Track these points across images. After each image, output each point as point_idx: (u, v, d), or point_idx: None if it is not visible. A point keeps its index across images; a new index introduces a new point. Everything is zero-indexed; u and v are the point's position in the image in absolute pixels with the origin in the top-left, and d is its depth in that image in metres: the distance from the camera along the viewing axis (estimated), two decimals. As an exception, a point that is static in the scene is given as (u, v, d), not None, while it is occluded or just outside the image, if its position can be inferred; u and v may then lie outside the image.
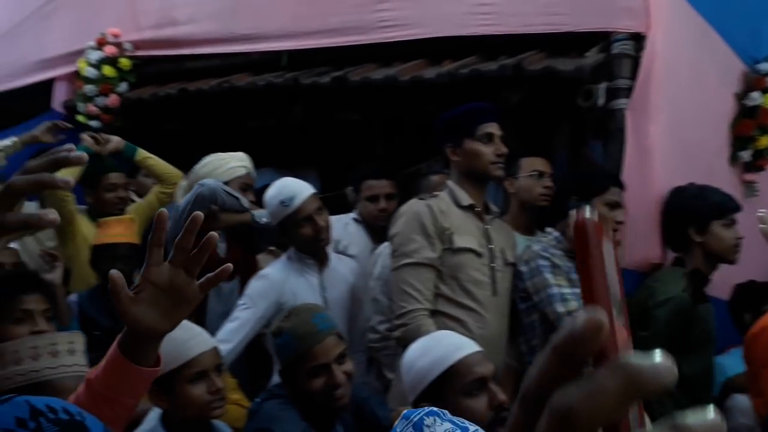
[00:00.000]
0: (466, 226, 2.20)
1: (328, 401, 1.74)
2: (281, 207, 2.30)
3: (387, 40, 3.01)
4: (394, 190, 2.78)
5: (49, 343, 1.44)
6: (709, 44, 2.97)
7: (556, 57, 2.61)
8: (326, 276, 2.39)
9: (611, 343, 0.33)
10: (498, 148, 2.21)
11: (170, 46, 3.80)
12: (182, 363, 1.67)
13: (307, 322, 1.78)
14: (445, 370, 1.49)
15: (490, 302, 2.18)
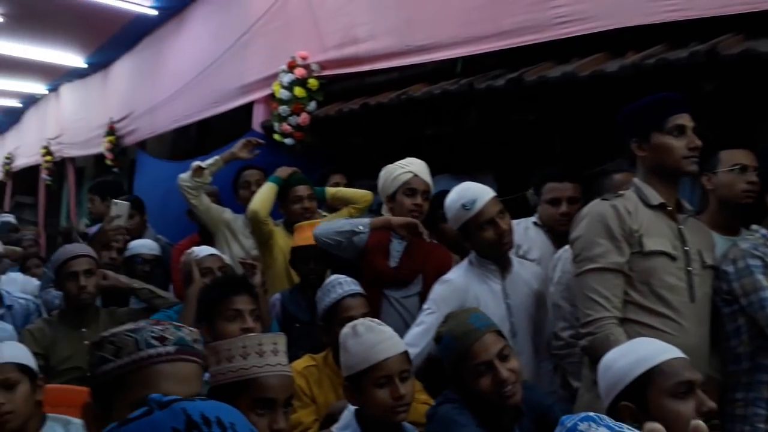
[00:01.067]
0: (657, 226, 2.04)
1: (498, 399, 1.74)
2: (463, 211, 2.32)
3: (565, 36, 2.92)
4: (577, 193, 2.68)
5: (256, 343, 1.57)
6: None
7: (756, 38, 2.36)
8: (509, 282, 2.37)
9: None
10: (691, 141, 2.03)
11: (353, 64, 4.02)
12: (369, 366, 1.77)
13: (463, 323, 1.80)
14: (649, 368, 1.45)
15: (687, 309, 2.01)
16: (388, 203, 2.85)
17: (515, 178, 3.23)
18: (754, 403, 2.06)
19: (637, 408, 1.44)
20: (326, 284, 2.40)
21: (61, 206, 10.31)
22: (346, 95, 4.07)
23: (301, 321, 2.79)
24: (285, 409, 1.55)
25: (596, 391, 1.99)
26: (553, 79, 2.85)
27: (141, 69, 7.17)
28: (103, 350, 1.18)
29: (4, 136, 13.65)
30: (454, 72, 3.45)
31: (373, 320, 1.94)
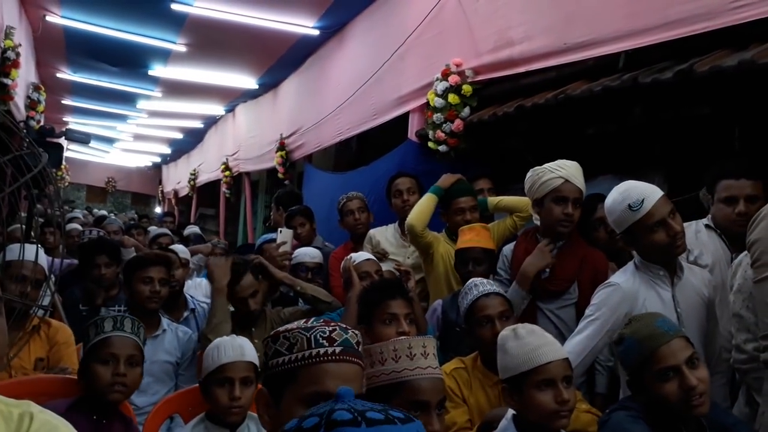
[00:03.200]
0: None
1: (684, 408, 1.63)
2: (629, 212, 2.15)
3: (741, 21, 2.66)
4: (757, 191, 2.41)
5: (406, 346, 1.61)
6: None
7: None
8: (679, 289, 2.20)
9: None
10: None
11: (507, 67, 3.96)
12: (531, 368, 1.74)
13: (649, 325, 1.72)
14: None
15: None
16: (535, 208, 2.74)
17: (689, 177, 2.99)
18: None
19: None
20: (465, 287, 2.40)
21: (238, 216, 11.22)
22: (500, 98, 4.02)
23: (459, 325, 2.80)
24: (438, 411, 1.56)
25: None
26: (728, 69, 2.60)
27: (306, 87, 7.60)
28: (278, 344, 1.28)
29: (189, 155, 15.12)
30: (616, 67, 3.28)
31: (535, 326, 1.90)
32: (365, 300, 2.33)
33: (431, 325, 2.91)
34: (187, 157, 15.24)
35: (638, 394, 1.74)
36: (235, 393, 2.08)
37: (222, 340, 2.20)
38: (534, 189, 2.69)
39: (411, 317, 2.27)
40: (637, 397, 1.74)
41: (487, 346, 2.16)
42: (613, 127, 3.31)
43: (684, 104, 2.96)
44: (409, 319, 2.25)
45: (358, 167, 5.85)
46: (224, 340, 2.20)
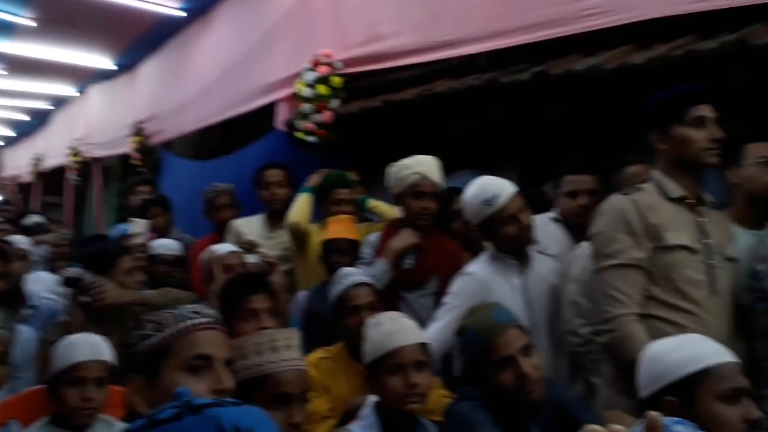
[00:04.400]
0: (677, 220, 2.01)
1: (519, 395, 1.72)
2: (484, 206, 2.29)
3: (591, 28, 2.88)
4: (596, 185, 2.64)
5: (269, 339, 1.59)
6: None
7: (789, 26, 2.31)
8: (528, 277, 2.35)
9: None
10: (712, 133, 1.99)
11: (376, 61, 4.01)
12: (385, 353, 1.79)
13: (487, 316, 1.80)
14: (704, 368, 1.44)
15: (708, 303, 1.97)
16: (396, 202, 2.83)
17: (541, 173, 3.19)
18: None
19: (682, 404, 1.42)
20: (335, 276, 2.41)
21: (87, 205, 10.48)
22: (369, 92, 4.07)
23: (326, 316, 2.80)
24: (301, 403, 1.56)
25: (616, 387, 1.98)
26: (578, 72, 2.82)
27: (167, 70, 7.25)
28: (145, 328, 1.33)
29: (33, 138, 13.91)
30: (478, 67, 3.42)
31: (399, 313, 1.95)
32: (225, 295, 2.27)
33: (295, 316, 2.89)
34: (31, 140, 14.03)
35: (477, 383, 1.81)
36: (87, 394, 1.94)
37: (75, 337, 2.03)
38: (394, 185, 2.77)
39: (273, 311, 2.24)
40: (477, 386, 1.81)
41: (353, 335, 2.18)
42: (474, 124, 3.46)
43: (540, 104, 3.15)
44: (270, 313, 2.22)
45: (222, 156, 5.68)
46: (78, 338, 2.04)
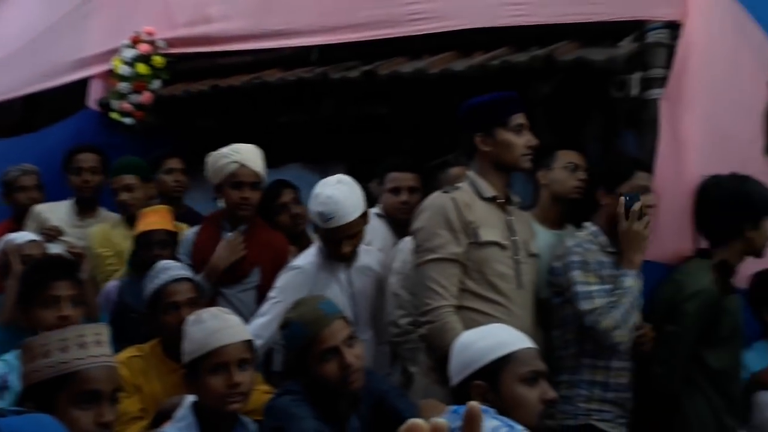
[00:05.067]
0: (490, 218, 2.17)
1: (341, 385, 1.76)
2: (320, 219, 2.27)
3: (417, 33, 3.00)
4: (417, 183, 2.76)
5: (76, 335, 1.48)
6: (746, 32, 2.90)
7: (588, 47, 2.57)
8: (353, 271, 2.40)
9: None
10: (529, 140, 2.18)
11: (203, 44, 3.84)
12: (207, 351, 1.72)
13: (313, 308, 1.81)
14: (508, 353, 1.55)
15: (515, 295, 2.15)
16: (216, 194, 2.73)
17: (367, 170, 3.26)
18: (578, 385, 2.25)
19: (489, 387, 1.53)
20: (153, 270, 2.28)
21: None
22: (194, 75, 3.89)
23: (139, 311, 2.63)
24: (111, 402, 1.47)
25: (432, 376, 2.09)
26: (405, 75, 2.92)
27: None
28: None
29: None
30: (310, 60, 3.42)
31: (222, 309, 1.88)
32: (25, 280, 2.10)
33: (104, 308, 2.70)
34: None
35: (300, 376, 1.82)
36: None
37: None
38: (213, 175, 2.66)
39: (77, 299, 2.08)
40: (299, 379, 1.82)
41: (170, 333, 2.08)
42: (304, 117, 3.45)
43: (368, 103, 3.21)
44: (73, 301, 2.06)
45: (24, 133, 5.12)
46: None
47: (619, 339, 2.15)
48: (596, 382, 2.24)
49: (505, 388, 1.52)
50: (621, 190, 2.26)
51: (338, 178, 2.33)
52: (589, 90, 2.61)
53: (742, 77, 2.88)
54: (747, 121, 2.98)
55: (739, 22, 2.84)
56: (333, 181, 2.32)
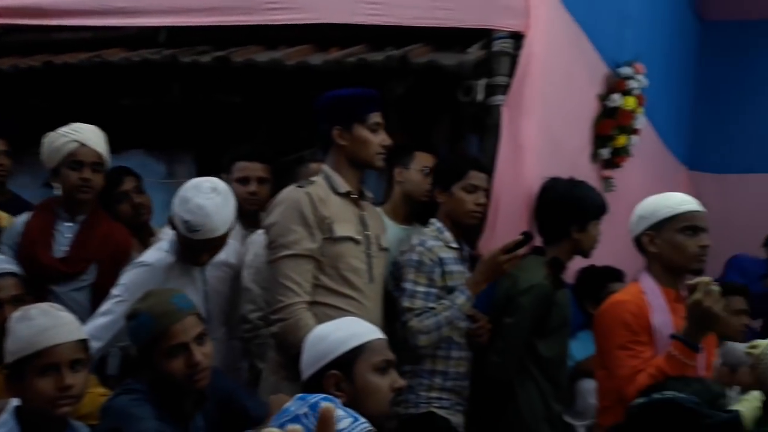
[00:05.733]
0: (344, 213, 2.18)
1: (187, 383, 1.71)
2: (185, 227, 2.12)
3: (273, 23, 2.95)
4: (267, 174, 2.68)
5: None
6: (580, 46, 3.17)
7: (440, 51, 2.67)
8: (209, 268, 2.31)
9: None
10: (384, 139, 2.21)
11: (36, 16, 3.50)
12: (35, 351, 1.60)
13: (165, 302, 1.74)
14: (362, 343, 1.61)
15: (367, 289, 2.19)
16: (52, 178, 2.50)
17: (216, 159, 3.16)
18: (420, 374, 2.35)
19: (343, 377, 1.58)
20: None
21: None
22: (25, 50, 3.54)
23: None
24: None
25: (282, 373, 2.07)
26: (260, 64, 2.86)
27: None
28: None
29: None
30: (157, 41, 3.24)
31: (54, 305, 1.74)
32: None
33: None
34: None
35: (144, 370, 1.75)
36: None
37: None
38: (49, 157, 2.43)
39: None
40: (141, 376, 1.75)
41: None
42: (150, 101, 3.27)
43: (220, 90, 3.11)
44: None
45: None
46: None
47: (422, 344, 2.28)
48: (437, 371, 2.36)
49: (359, 377, 1.58)
50: (454, 188, 2.39)
51: (213, 185, 2.16)
52: (440, 93, 2.72)
53: (575, 89, 3.15)
54: (578, 130, 3.27)
55: (574, 37, 3.10)
56: (206, 188, 2.14)
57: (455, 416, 2.39)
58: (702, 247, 2.05)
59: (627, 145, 3.51)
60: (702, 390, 1.67)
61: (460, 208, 2.42)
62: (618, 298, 2.14)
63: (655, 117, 4.15)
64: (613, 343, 2.05)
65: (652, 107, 3.78)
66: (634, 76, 3.47)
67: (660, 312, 2.04)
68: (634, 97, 3.45)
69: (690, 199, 2.13)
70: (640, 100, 3.49)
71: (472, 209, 2.42)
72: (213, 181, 2.19)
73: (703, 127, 5.59)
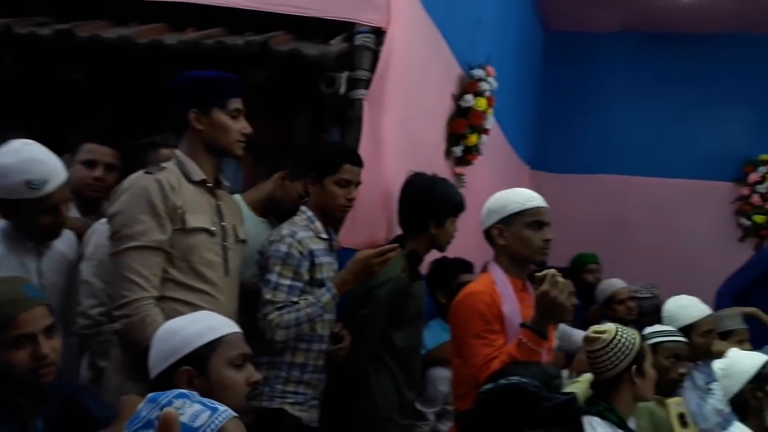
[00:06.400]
0: (198, 203, 2.06)
1: (31, 378, 1.59)
2: (25, 188, 1.92)
3: (123, -3, 2.77)
4: (116, 161, 2.51)
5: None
6: (436, 46, 3.27)
7: (302, 41, 2.64)
8: (45, 259, 2.11)
9: None
10: (244, 127, 2.12)
11: None
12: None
13: (13, 289, 1.61)
14: (217, 337, 1.56)
15: (222, 283, 2.09)
16: None
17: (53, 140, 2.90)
18: (278, 366, 2.31)
19: (196, 373, 1.52)
20: None
21: None
22: None
23: None
24: None
25: (126, 373, 1.95)
26: (107, 41, 2.67)
27: None
28: None
29: None
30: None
31: None
32: None
33: None
34: None
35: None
36: None
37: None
38: None
39: None
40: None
41: None
42: (-22, 72, 2.94)
43: (60, 66, 2.86)
44: None
45: None
46: None
47: (279, 338, 2.24)
48: (296, 363, 2.32)
49: (214, 372, 1.52)
50: (326, 181, 2.37)
51: (22, 141, 1.99)
52: (301, 83, 2.69)
53: (432, 88, 3.26)
54: (434, 127, 3.38)
55: (432, 38, 3.20)
56: (16, 145, 1.98)
57: (309, 412, 2.36)
58: (545, 241, 2.20)
59: (478, 143, 3.69)
60: (539, 372, 1.77)
61: (331, 201, 2.39)
62: (472, 289, 2.22)
63: (503, 118, 4.40)
64: (468, 332, 2.13)
65: (500, 109, 4.00)
66: (486, 78, 3.65)
67: (509, 301, 2.15)
68: (485, 98, 3.63)
69: (536, 196, 2.27)
70: (490, 102, 3.68)
71: (343, 204, 2.40)
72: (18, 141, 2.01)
73: (545, 130, 6.03)
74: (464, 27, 3.70)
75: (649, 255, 5.42)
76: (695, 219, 5.56)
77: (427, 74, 3.16)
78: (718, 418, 2.78)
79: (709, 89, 5.76)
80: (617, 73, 5.95)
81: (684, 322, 2.98)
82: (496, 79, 3.73)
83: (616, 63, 5.97)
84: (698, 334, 2.98)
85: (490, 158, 4.15)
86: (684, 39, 5.79)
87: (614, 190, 5.77)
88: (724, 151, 5.73)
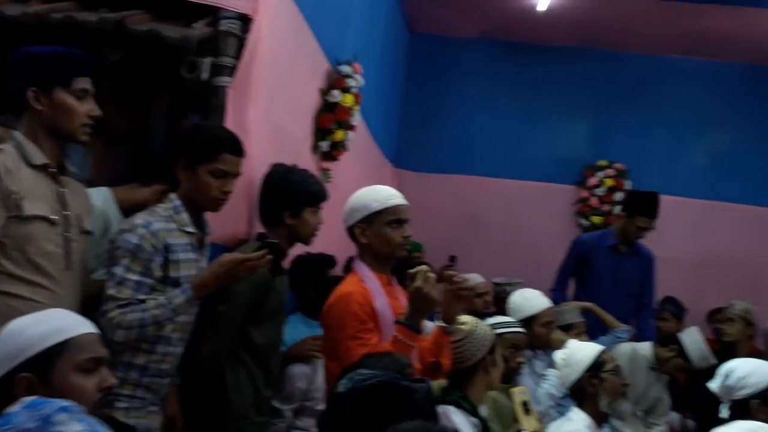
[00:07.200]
0: (38, 189, 1.89)
1: None
2: None
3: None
4: None
5: None
6: (304, 39, 3.24)
7: (162, 22, 2.49)
8: None
9: None
10: (92, 109, 1.95)
11: None
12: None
13: None
14: (64, 340, 1.41)
15: (62, 277, 1.92)
16: None
17: None
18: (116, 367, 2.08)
19: (38, 379, 1.38)
20: None
21: None
22: None
23: None
24: None
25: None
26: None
27: None
28: None
29: None
30: None
31: None
32: None
33: None
34: None
35: None
36: None
37: None
38: None
39: None
40: None
41: None
42: None
43: None
44: None
45: None
46: None
47: (119, 339, 1.99)
48: (135, 365, 2.09)
49: (60, 378, 1.39)
50: (200, 170, 2.12)
51: None
52: (160, 66, 2.55)
53: (299, 80, 3.22)
54: (301, 120, 3.34)
55: (300, 29, 3.15)
56: None
57: (146, 419, 2.12)
58: (405, 237, 2.26)
59: (344, 139, 3.70)
60: (392, 362, 1.79)
61: (204, 193, 2.14)
62: (344, 290, 2.22)
63: (369, 116, 4.46)
64: (344, 334, 2.13)
65: (366, 106, 4.04)
66: (353, 75, 3.67)
67: (379, 296, 2.19)
68: (352, 95, 3.65)
69: (396, 193, 2.32)
70: (357, 99, 3.71)
71: (217, 196, 2.15)
72: None
73: (408, 130, 6.20)
74: (332, 22, 3.70)
75: (500, 251, 5.75)
76: (541, 218, 5.98)
77: (294, 66, 3.11)
78: (551, 402, 3.01)
79: (556, 98, 6.21)
80: (475, 78, 6.24)
81: (527, 313, 3.27)
82: (363, 77, 3.77)
83: (475, 68, 6.25)
84: (539, 324, 3.28)
85: (356, 155, 4.18)
86: (536, 50, 6.18)
87: (470, 190, 6.06)
88: (568, 156, 6.20)
